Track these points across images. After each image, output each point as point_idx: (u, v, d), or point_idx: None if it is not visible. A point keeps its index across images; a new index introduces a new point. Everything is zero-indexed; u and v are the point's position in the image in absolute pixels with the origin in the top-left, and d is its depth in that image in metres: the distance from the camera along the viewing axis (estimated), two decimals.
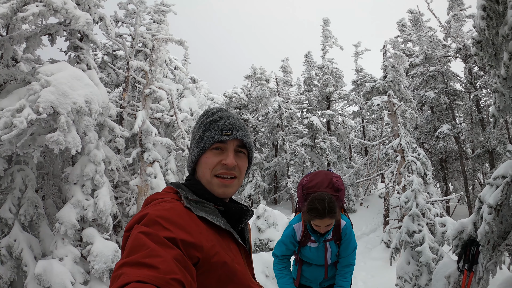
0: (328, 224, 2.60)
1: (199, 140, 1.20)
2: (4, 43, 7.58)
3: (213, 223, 1.10)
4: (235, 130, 1.20)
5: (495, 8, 3.09)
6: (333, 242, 2.80)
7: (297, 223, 2.85)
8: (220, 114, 1.23)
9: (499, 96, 3.22)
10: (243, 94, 25.21)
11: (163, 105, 12.88)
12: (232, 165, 1.17)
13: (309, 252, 2.85)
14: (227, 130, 1.19)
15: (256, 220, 11.21)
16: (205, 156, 1.19)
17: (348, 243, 2.80)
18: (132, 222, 1.03)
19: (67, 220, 7.23)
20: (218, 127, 1.19)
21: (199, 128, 1.23)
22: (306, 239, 2.81)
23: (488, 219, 3.15)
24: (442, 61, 19.06)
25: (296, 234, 2.83)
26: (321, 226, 2.61)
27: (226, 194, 1.19)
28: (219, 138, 1.18)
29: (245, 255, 1.23)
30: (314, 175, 2.96)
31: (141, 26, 12.25)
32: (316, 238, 2.78)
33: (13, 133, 5.93)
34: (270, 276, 6.65)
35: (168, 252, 0.89)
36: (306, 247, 2.84)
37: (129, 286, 0.78)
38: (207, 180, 1.18)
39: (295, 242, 2.85)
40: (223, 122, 1.20)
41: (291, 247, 2.86)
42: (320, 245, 2.79)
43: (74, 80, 6.75)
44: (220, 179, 1.17)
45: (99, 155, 7.72)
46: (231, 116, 1.24)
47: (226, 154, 1.18)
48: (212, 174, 1.17)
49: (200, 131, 1.21)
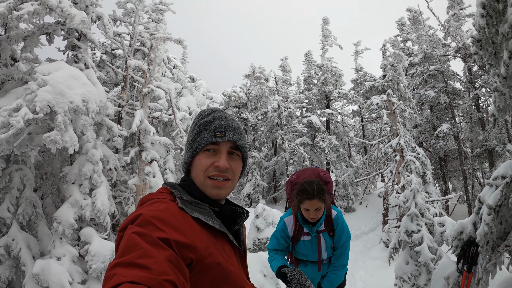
0: (318, 207, 2.57)
1: (192, 141, 1.20)
2: (2, 42, 7.55)
3: (208, 224, 1.09)
4: (229, 131, 1.19)
5: (495, 6, 3.06)
6: (327, 234, 2.77)
7: (288, 217, 2.84)
8: (214, 115, 1.22)
9: (499, 95, 3.19)
10: (242, 93, 25.18)
11: (161, 104, 12.85)
12: (224, 167, 1.16)
13: (303, 247, 2.81)
14: (220, 131, 1.18)
15: (255, 219, 11.19)
16: (198, 158, 1.19)
17: (341, 233, 2.77)
18: (126, 222, 1.02)
19: (65, 220, 7.20)
20: (212, 128, 1.19)
21: (193, 129, 1.23)
22: (299, 233, 2.79)
23: (488, 220, 3.13)
24: (442, 60, 19.05)
25: (287, 228, 2.81)
26: (311, 210, 2.58)
27: (219, 195, 1.18)
28: (211, 139, 1.17)
29: (240, 256, 1.22)
30: (301, 172, 3.02)
31: (139, 25, 12.20)
32: (308, 229, 2.75)
33: (10, 133, 5.90)
34: (269, 275, 6.63)
35: (161, 253, 0.89)
36: (300, 242, 2.81)
37: (122, 286, 0.77)
38: (200, 182, 1.17)
39: (287, 237, 2.83)
40: (217, 123, 1.19)
41: (282, 241, 2.83)
42: (313, 237, 2.76)
43: (71, 80, 6.72)
44: (213, 181, 1.16)
45: (97, 155, 7.69)
46: (226, 117, 1.23)
47: (219, 156, 1.18)
48: (205, 175, 1.17)
49: (194, 132, 1.21)
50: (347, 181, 19.55)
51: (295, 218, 2.79)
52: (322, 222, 2.74)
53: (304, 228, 2.77)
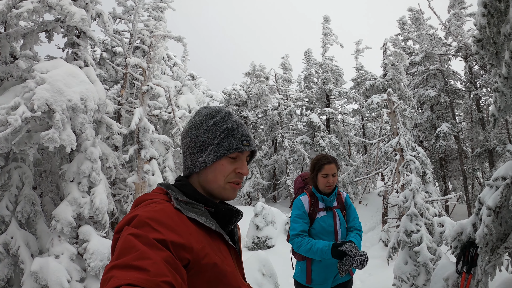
0: (334, 172, 2.92)
1: (218, 146, 1.19)
2: (1, 40, 7.52)
3: (203, 225, 1.09)
4: (251, 141, 1.25)
5: (496, 5, 3.03)
6: (340, 211, 3.01)
7: (303, 196, 3.04)
8: (235, 121, 1.26)
9: (499, 96, 3.17)
10: (242, 91, 25.13)
11: (161, 102, 12.83)
12: (246, 175, 1.24)
13: (319, 225, 2.93)
14: (246, 140, 1.23)
15: (254, 217, 11.18)
16: (220, 163, 1.19)
17: (353, 210, 3.10)
18: (122, 223, 1.02)
19: (63, 218, 7.19)
20: (238, 136, 1.22)
21: (213, 130, 1.21)
22: (315, 210, 2.96)
23: (487, 221, 3.11)
24: (443, 60, 19.01)
25: (303, 205, 2.97)
26: (329, 174, 2.90)
27: (234, 197, 1.25)
28: (240, 148, 1.20)
29: (235, 256, 1.23)
30: None
31: (139, 22, 12.17)
32: (323, 200, 2.96)
33: (8, 131, 5.88)
34: (267, 274, 6.62)
35: (158, 254, 0.89)
36: (316, 222, 2.93)
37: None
38: (219, 186, 1.20)
39: (305, 214, 2.96)
40: (242, 131, 1.23)
41: (305, 217, 2.95)
42: (328, 212, 2.96)
43: (69, 77, 6.69)
44: (233, 185, 1.21)
45: (96, 153, 7.67)
46: (242, 123, 1.28)
47: (241, 163, 1.23)
48: (226, 181, 1.20)
49: (220, 137, 1.20)
50: (347, 180, 19.53)
51: (309, 195, 3.01)
52: (334, 198, 3.00)
53: (319, 203, 2.97)
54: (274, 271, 6.78)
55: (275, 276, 6.75)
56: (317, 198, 2.98)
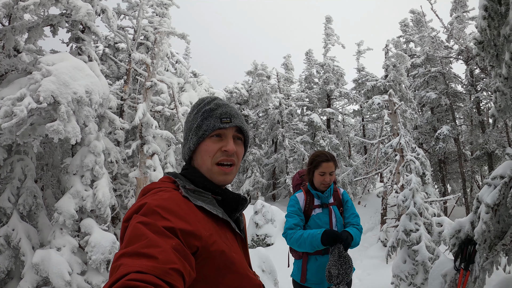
0: (332, 171, 2.84)
1: (197, 128, 1.21)
2: (6, 33, 7.55)
3: (211, 212, 1.11)
4: (233, 117, 1.22)
5: (497, 8, 3.09)
6: (337, 208, 2.94)
7: (299, 193, 3.00)
8: (217, 103, 1.25)
9: (500, 96, 3.23)
10: (244, 89, 25.19)
11: (164, 98, 12.87)
12: (232, 151, 1.19)
13: (314, 222, 2.87)
14: (226, 117, 1.21)
15: (254, 215, 11.24)
16: (204, 144, 1.20)
17: (351, 206, 3.01)
18: (131, 212, 1.03)
19: (66, 210, 7.23)
20: (217, 114, 1.21)
21: (196, 116, 1.24)
22: (310, 206, 2.91)
23: (485, 218, 3.17)
24: (444, 62, 19.05)
25: (298, 202, 2.94)
26: (327, 172, 2.84)
27: (226, 181, 1.21)
28: (219, 125, 1.19)
29: (242, 244, 1.24)
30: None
31: (143, 19, 12.20)
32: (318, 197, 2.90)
33: (13, 122, 5.91)
34: (267, 270, 6.67)
35: (167, 242, 0.90)
36: (311, 219, 2.88)
37: (129, 276, 0.78)
38: (207, 168, 1.19)
39: (300, 210, 2.92)
40: (221, 110, 1.22)
41: (300, 213, 2.91)
42: (324, 209, 2.90)
43: (75, 71, 6.74)
44: (220, 167, 1.19)
45: (99, 146, 7.71)
46: (227, 104, 1.27)
47: (226, 141, 1.20)
48: (213, 162, 1.19)
49: (198, 119, 1.22)
50: (346, 180, 19.60)
51: (305, 192, 2.97)
52: (330, 195, 2.94)
53: (315, 200, 2.92)
54: (274, 268, 6.82)
55: (275, 272, 6.79)
56: (313, 195, 2.95)
